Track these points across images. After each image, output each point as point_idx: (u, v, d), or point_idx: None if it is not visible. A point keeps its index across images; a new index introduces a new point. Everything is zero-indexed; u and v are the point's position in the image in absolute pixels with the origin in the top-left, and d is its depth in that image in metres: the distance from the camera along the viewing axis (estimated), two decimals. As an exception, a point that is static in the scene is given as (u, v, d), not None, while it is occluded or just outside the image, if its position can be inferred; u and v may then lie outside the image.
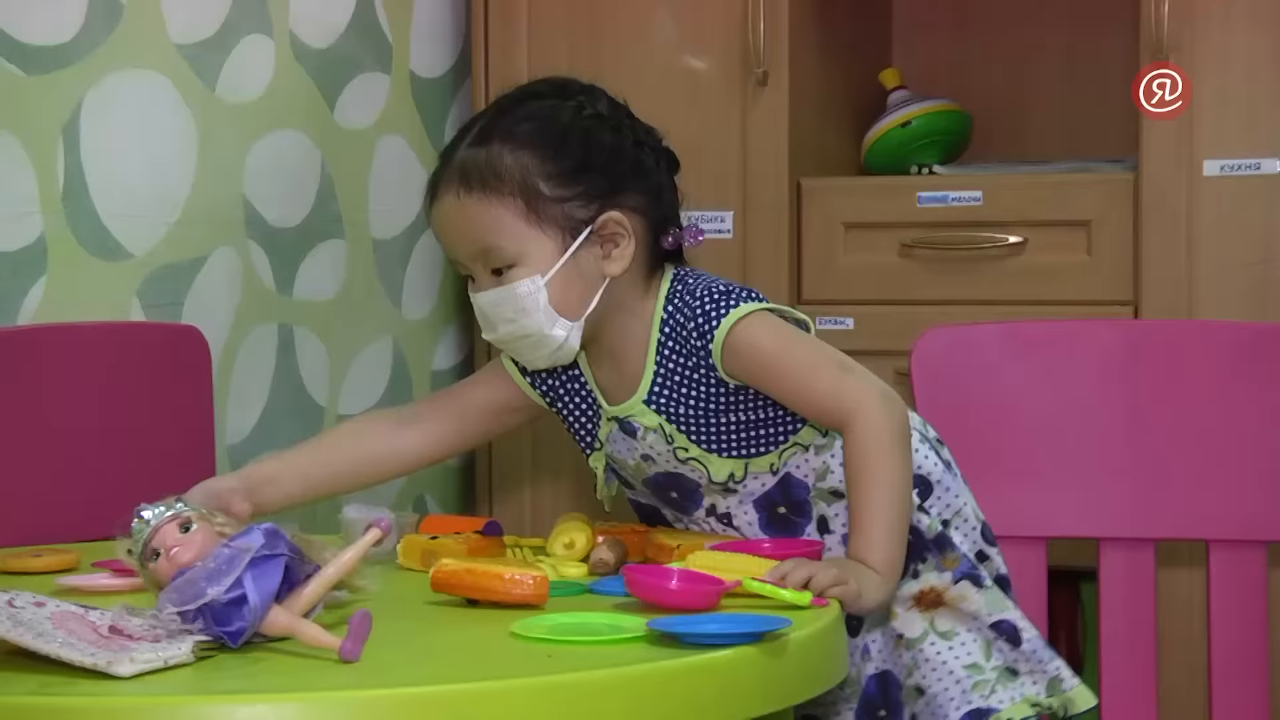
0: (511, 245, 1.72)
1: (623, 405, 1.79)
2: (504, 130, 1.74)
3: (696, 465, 1.78)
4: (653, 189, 1.79)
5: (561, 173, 1.72)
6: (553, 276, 1.72)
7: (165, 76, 2.35)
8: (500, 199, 1.71)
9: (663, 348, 1.77)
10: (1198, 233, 2.49)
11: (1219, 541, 2.00)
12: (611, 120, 1.78)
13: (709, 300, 1.74)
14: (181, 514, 1.37)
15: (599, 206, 1.73)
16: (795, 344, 1.75)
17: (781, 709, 1.44)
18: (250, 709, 1.17)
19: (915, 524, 1.78)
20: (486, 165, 1.72)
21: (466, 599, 1.53)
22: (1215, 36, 2.49)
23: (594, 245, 1.74)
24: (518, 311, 1.72)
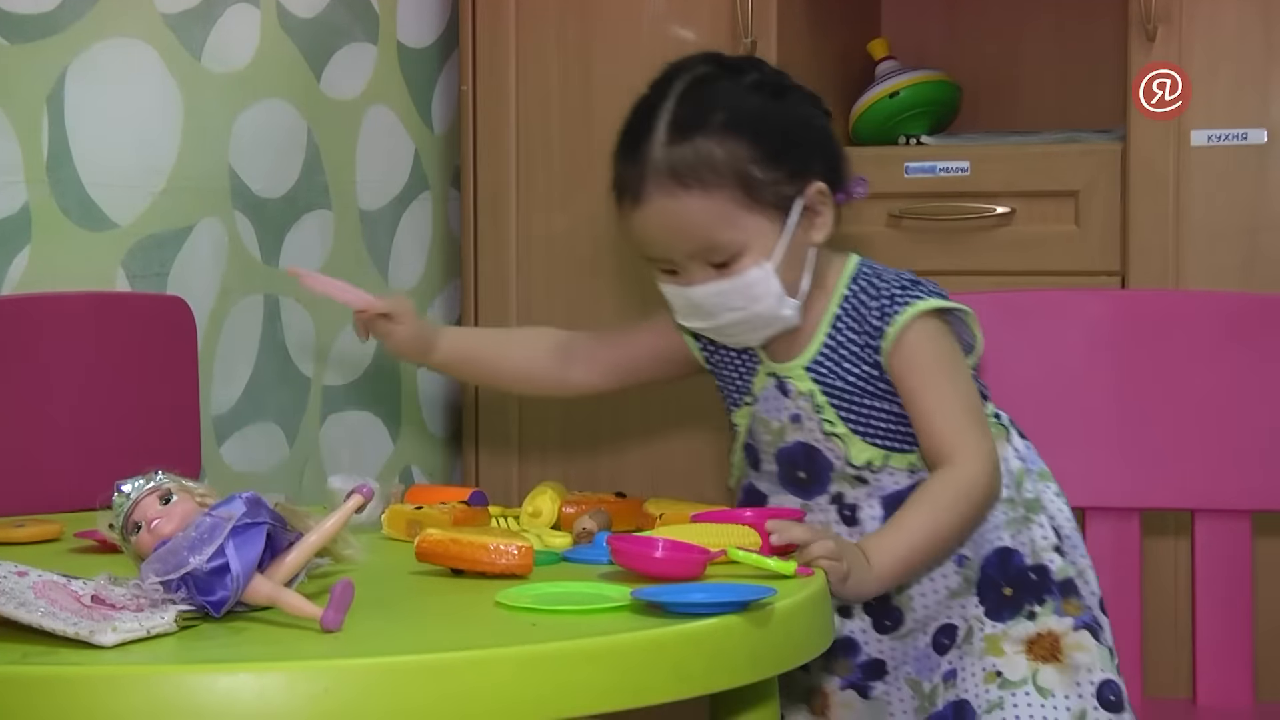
0: (736, 237, 1.71)
1: (783, 364, 1.80)
2: (699, 120, 1.72)
3: (838, 443, 1.77)
4: (832, 151, 1.79)
5: (769, 153, 1.72)
6: (779, 259, 1.72)
7: (150, 46, 2.34)
8: (719, 191, 1.70)
9: (838, 321, 1.78)
10: (1185, 203, 2.49)
11: (1204, 511, 2.00)
12: (784, 89, 1.78)
13: (898, 285, 1.76)
14: (161, 486, 1.36)
15: (803, 179, 1.74)
16: (950, 371, 1.76)
17: (767, 678, 1.44)
18: (232, 678, 1.17)
19: (1046, 564, 1.78)
20: (698, 160, 1.70)
21: (451, 569, 1.53)
22: (1204, 7, 2.49)
23: (801, 218, 1.74)
24: (748, 300, 1.73)
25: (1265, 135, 2.46)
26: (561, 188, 2.81)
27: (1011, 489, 1.80)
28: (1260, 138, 2.47)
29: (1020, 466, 1.81)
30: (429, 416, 2.92)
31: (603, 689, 1.27)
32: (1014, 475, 1.80)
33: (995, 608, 1.78)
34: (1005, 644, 1.77)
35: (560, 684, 1.25)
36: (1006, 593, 1.78)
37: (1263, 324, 2.01)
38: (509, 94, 2.83)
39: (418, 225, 2.89)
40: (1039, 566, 1.78)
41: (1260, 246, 2.47)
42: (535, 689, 1.24)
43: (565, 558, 1.62)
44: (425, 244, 2.91)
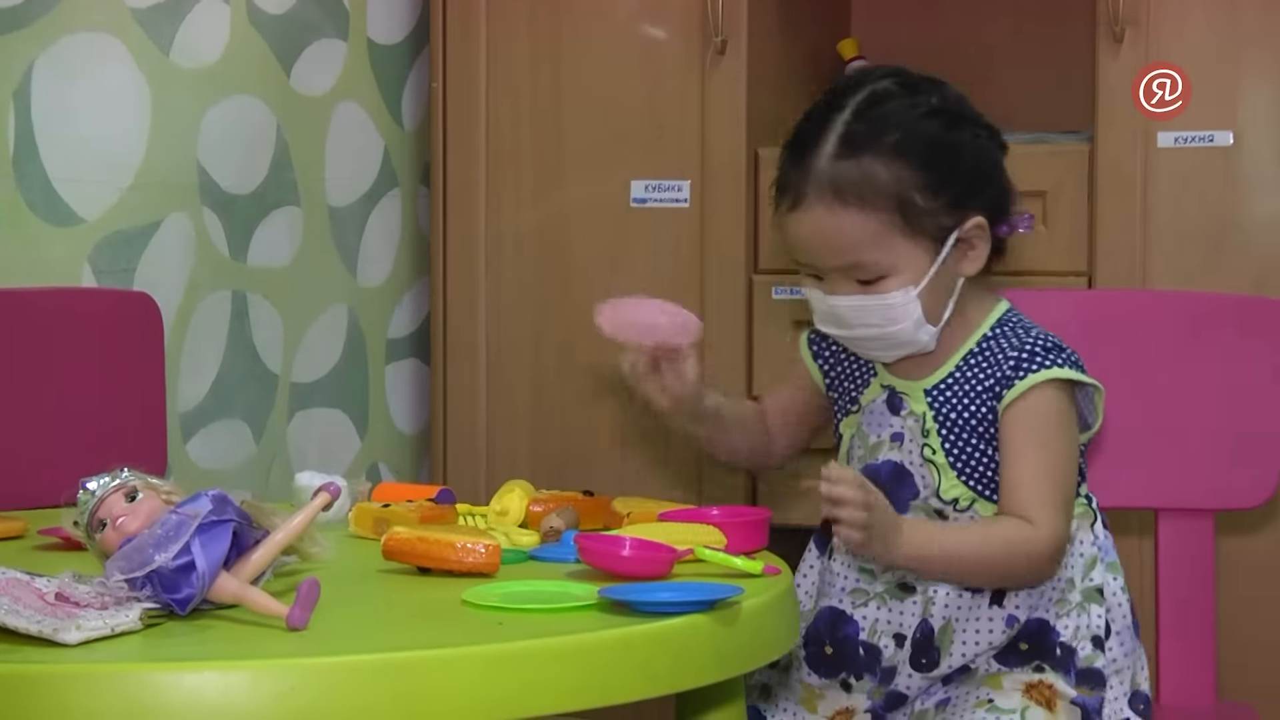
0: (885, 258, 1.72)
1: (903, 380, 1.80)
2: (870, 139, 1.73)
3: (932, 472, 1.77)
4: (1000, 185, 1.80)
5: (931, 183, 1.73)
6: (924, 286, 1.73)
7: (119, 40, 2.33)
8: (877, 214, 1.72)
9: (972, 357, 1.78)
10: (1152, 204, 2.50)
11: (1168, 511, 2.01)
12: (961, 117, 1.79)
13: (1041, 346, 1.76)
14: (127, 483, 1.36)
15: (964, 212, 1.75)
16: (1055, 442, 1.75)
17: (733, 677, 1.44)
18: (197, 676, 1.17)
19: (1075, 648, 1.77)
20: (861, 179, 1.72)
21: (418, 567, 1.53)
22: (1171, 10, 2.50)
23: (954, 249, 1.76)
24: (886, 320, 1.74)
25: (1231, 137, 2.47)
26: (531, 185, 2.81)
27: (1077, 573, 1.79)
28: (1226, 140, 2.48)
29: (1094, 554, 1.81)
30: (397, 414, 2.92)
31: (569, 688, 1.27)
32: (1085, 560, 1.80)
33: (1006, 654, 1.78)
34: (1005, 680, 1.77)
35: (527, 683, 1.25)
36: (1023, 647, 1.78)
37: (1227, 324, 2.02)
38: (479, 91, 2.83)
39: (387, 222, 2.89)
40: (1069, 648, 1.77)
41: (1226, 247, 2.48)
42: (502, 688, 1.24)
43: (532, 556, 1.62)
44: (394, 241, 2.91)
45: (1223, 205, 2.48)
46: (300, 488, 1.82)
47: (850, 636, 1.81)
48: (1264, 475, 1.99)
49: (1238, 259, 2.47)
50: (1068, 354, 1.76)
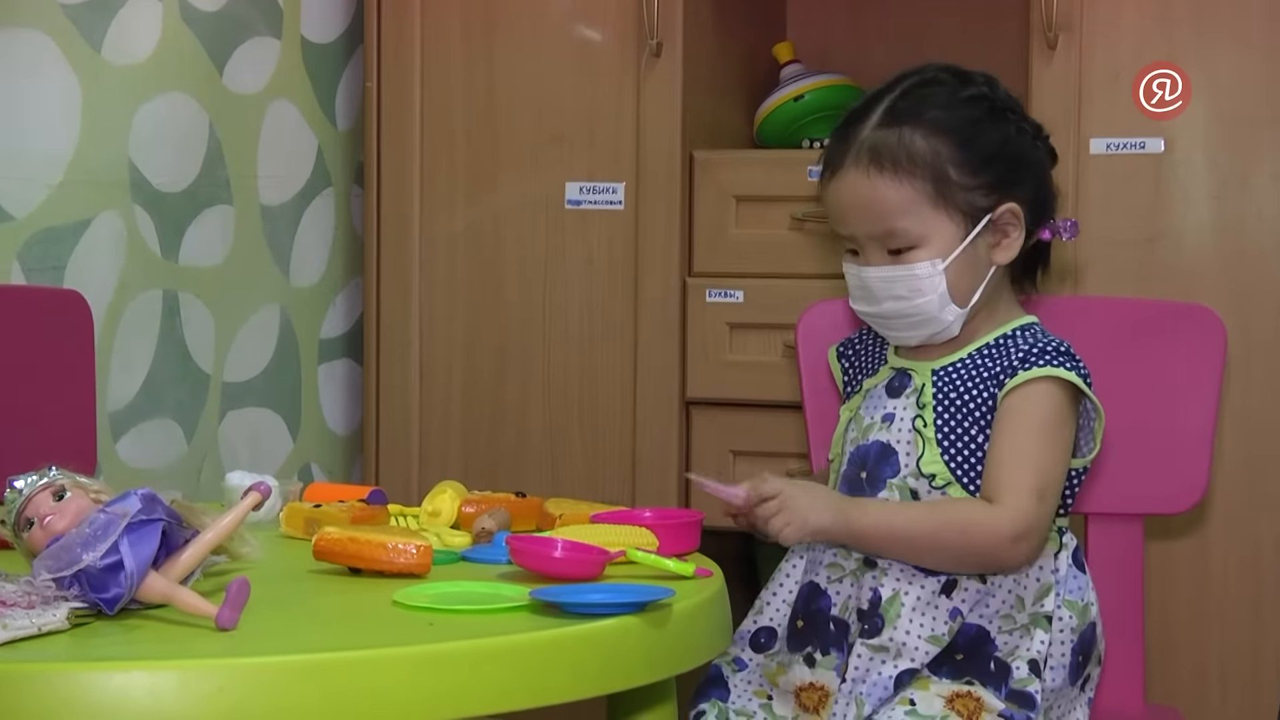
0: (916, 228, 1.75)
1: (912, 361, 1.83)
2: (914, 113, 1.78)
3: (918, 442, 1.78)
4: (1040, 183, 1.83)
5: (970, 160, 1.76)
6: (952, 262, 1.76)
7: (49, 37, 2.31)
8: (911, 181, 1.75)
9: (987, 348, 1.80)
10: (1084, 210, 2.52)
11: (1098, 515, 2.02)
12: (1012, 112, 1.82)
13: (1054, 348, 1.77)
14: (55, 482, 1.35)
15: (999, 196, 1.78)
16: (1046, 437, 1.76)
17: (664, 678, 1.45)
18: (125, 676, 1.16)
19: (1011, 668, 1.75)
20: (899, 146, 1.76)
21: (349, 567, 1.52)
22: (1104, 15, 2.52)
23: (989, 234, 1.78)
24: (912, 291, 1.76)
25: (1163, 144, 2.49)
26: (465, 186, 2.80)
27: (1028, 595, 1.78)
28: (1157, 147, 2.50)
29: (1050, 582, 1.79)
30: (329, 414, 2.91)
31: (500, 689, 1.27)
32: (1040, 586, 1.79)
33: (939, 663, 1.77)
34: (932, 685, 1.76)
35: (457, 684, 1.25)
36: (958, 658, 1.77)
37: (1157, 330, 2.03)
38: (413, 91, 2.82)
39: (320, 222, 2.87)
40: (1004, 665, 1.76)
41: (1157, 254, 2.50)
42: (432, 688, 1.24)
43: (464, 557, 1.62)
44: (328, 241, 2.90)
45: (1154, 212, 2.50)
46: (231, 487, 1.81)
47: (822, 610, 1.81)
48: (1192, 480, 2.00)
49: (1168, 265, 2.49)
50: (1078, 363, 1.78)
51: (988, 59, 2.96)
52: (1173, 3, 2.49)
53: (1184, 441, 2.00)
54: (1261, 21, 2.46)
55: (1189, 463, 2.00)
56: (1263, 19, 2.46)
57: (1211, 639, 2.50)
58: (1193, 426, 2.00)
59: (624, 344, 2.72)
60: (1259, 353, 2.46)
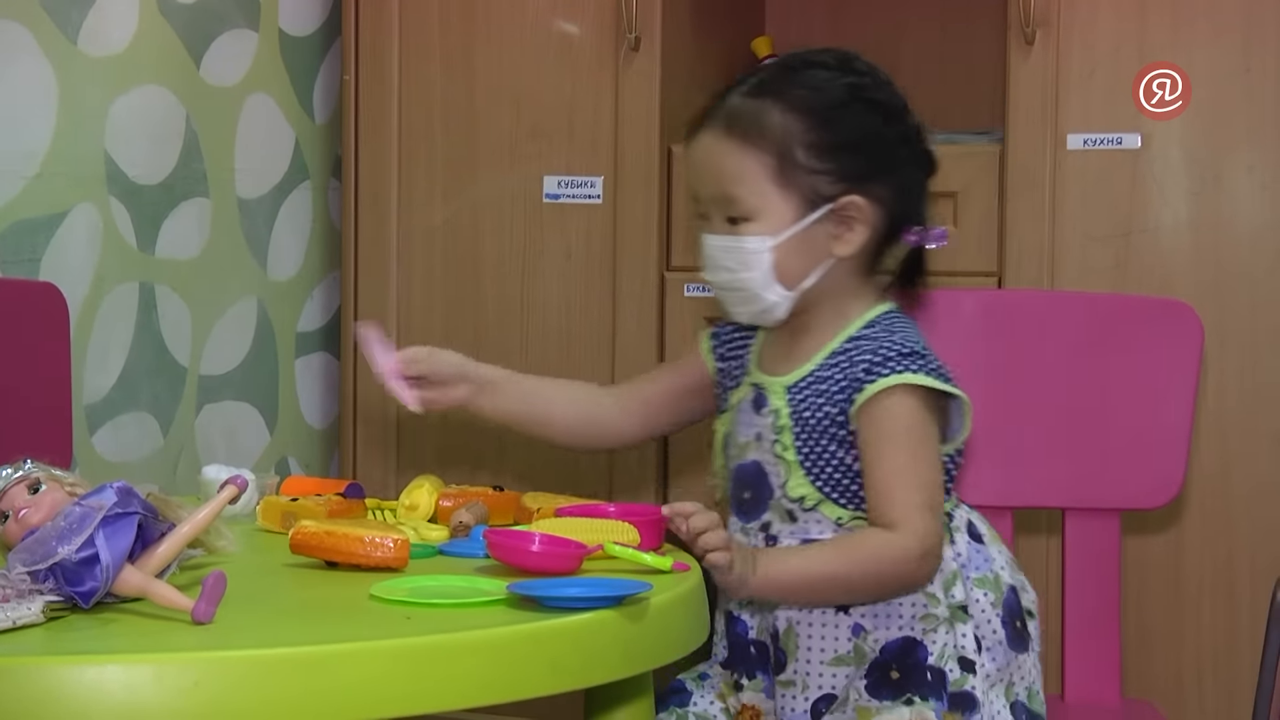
0: (752, 199, 1.74)
1: (768, 377, 1.80)
2: (780, 89, 1.77)
3: (782, 468, 1.77)
4: (903, 185, 1.80)
5: (821, 145, 1.74)
6: (782, 242, 1.74)
7: (24, 27, 2.30)
8: (756, 153, 1.74)
9: (835, 356, 1.77)
10: (1061, 205, 2.52)
11: (1075, 510, 2.03)
12: (886, 108, 1.80)
13: (897, 351, 1.74)
14: (30, 475, 1.34)
15: (846, 187, 1.75)
16: (914, 447, 1.73)
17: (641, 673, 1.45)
18: (100, 670, 1.16)
19: (945, 671, 1.75)
20: (753, 117, 1.75)
21: (326, 561, 1.52)
22: (1081, 12, 2.52)
23: (829, 223, 1.76)
24: (739, 264, 1.75)
25: (1139, 140, 2.50)
26: (443, 179, 2.80)
27: (937, 588, 1.77)
28: (1134, 143, 2.50)
29: (954, 569, 1.79)
30: (307, 408, 2.90)
31: (478, 683, 1.27)
32: (945, 577, 1.78)
33: (876, 685, 1.75)
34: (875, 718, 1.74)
35: (435, 677, 1.25)
36: (894, 675, 1.76)
37: (1133, 325, 2.04)
38: (391, 84, 2.81)
39: (297, 215, 2.87)
40: (938, 670, 1.75)
41: (1133, 249, 2.51)
42: (409, 682, 1.23)
43: (441, 551, 1.62)
44: (305, 234, 2.89)
45: (1130, 207, 2.51)
46: (207, 481, 1.80)
47: (740, 635, 1.81)
48: (1169, 475, 2.01)
49: (1143, 260, 2.50)
50: (926, 360, 1.75)
51: (966, 53, 2.99)
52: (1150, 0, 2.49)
53: (1160, 437, 2.01)
54: (1238, 18, 2.47)
55: (1165, 458, 2.00)
56: (1240, 15, 2.47)
57: (1188, 633, 2.51)
58: (1169, 422, 2.00)
59: (602, 337, 2.72)
60: (1234, 348, 2.46)
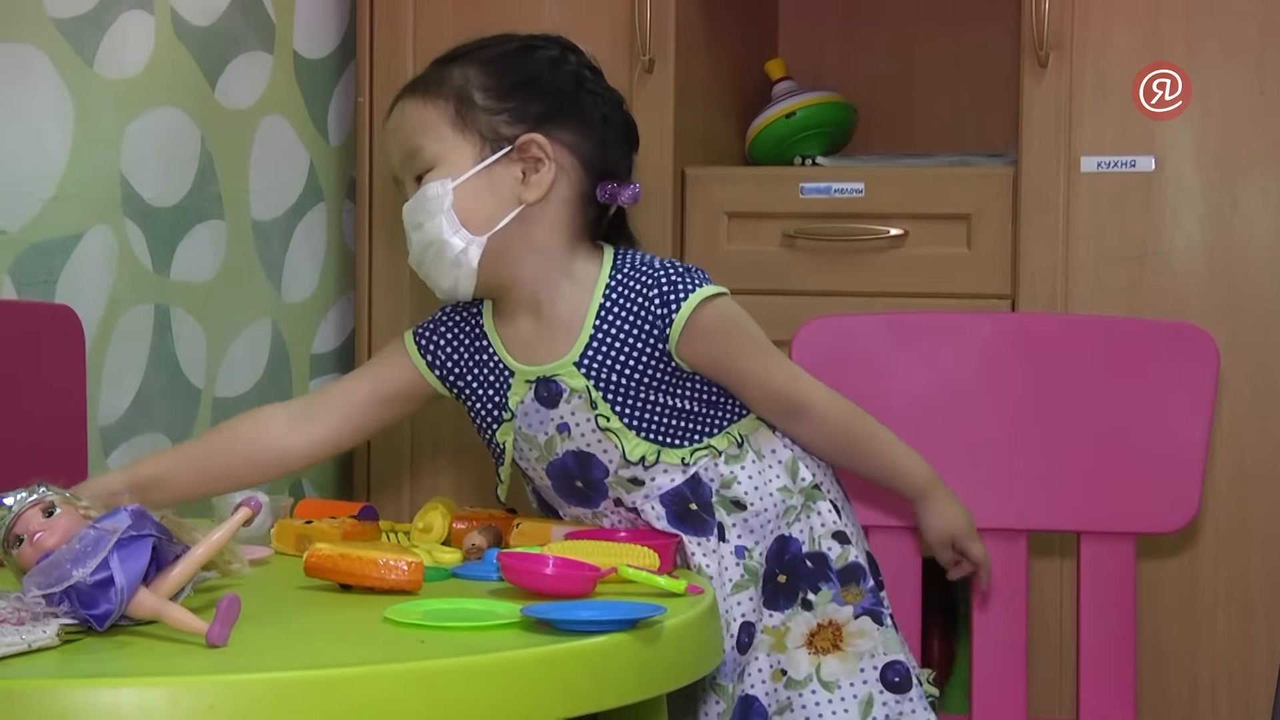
0: (433, 146, 1.76)
1: (547, 365, 1.77)
2: (465, 52, 1.81)
3: (613, 439, 1.75)
4: (594, 136, 1.79)
5: (498, 87, 1.77)
6: (462, 183, 1.74)
7: (41, 50, 2.31)
8: (434, 103, 1.77)
9: (606, 313, 1.76)
10: (1074, 228, 2.52)
11: (1090, 533, 2.02)
12: (569, 67, 1.81)
13: (675, 272, 1.75)
14: (44, 499, 1.34)
15: (526, 128, 1.76)
16: (757, 331, 1.79)
17: (654, 696, 1.44)
18: (115, 693, 1.16)
19: (825, 551, 1.79)
20: (434, 75, 1.79)
21: (340, 584, 1.52)
22: (1095, 34, 2.52)
23: (513, 165, 1.76)
24: (424, 215, 1.75)
25: (1153, 163, 2.50)
26: (457, 202, 2.80)
27: (786, 478, 1.80)
28: (1148, 165, 2.50)
29: (790, 455, 1.81)
30: (320, 429, 2.90)
31: (491, 706, 1.27)
32: (786, 463, 1.81)
33: (772, 596, 1.77)
34: (787, 639, 1.77)
35: (448, 701, 1.25)
36: (781, 580, 1.78)
37: (1147, 349, 2.03)
38: (406, 107, 2.82)
39: (312, 237, 2.87)
40: (816, 554, 1.79)
41: (1146, 272, 2.50)
42: (423, 706, 1.23)
43: (455, 574, 1.62)
44: (319, 256, 2.90)
45: (1143, 230, 2.51)
46: (221, 503, 1.80)
47: None
48: (1184, 499, 2.00)
49: (1157, 283, 2.50)
50: (699, 273, 1.77)
51: (980, 76, 2.99)
52: (1164, 22, 2.49)
53: (1176, 461, 2.00)
54: (1252, 40, 2.47)
55: (1181, 482, 2.00)
56: (1254, 37, 2.47)
57: (1202, 656, 2.50)
58: (1184, 446, 2.00)
59: (615, 360, 2.72)
60: (1249, 371, 2.46)
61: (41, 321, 2.20)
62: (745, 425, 1.81)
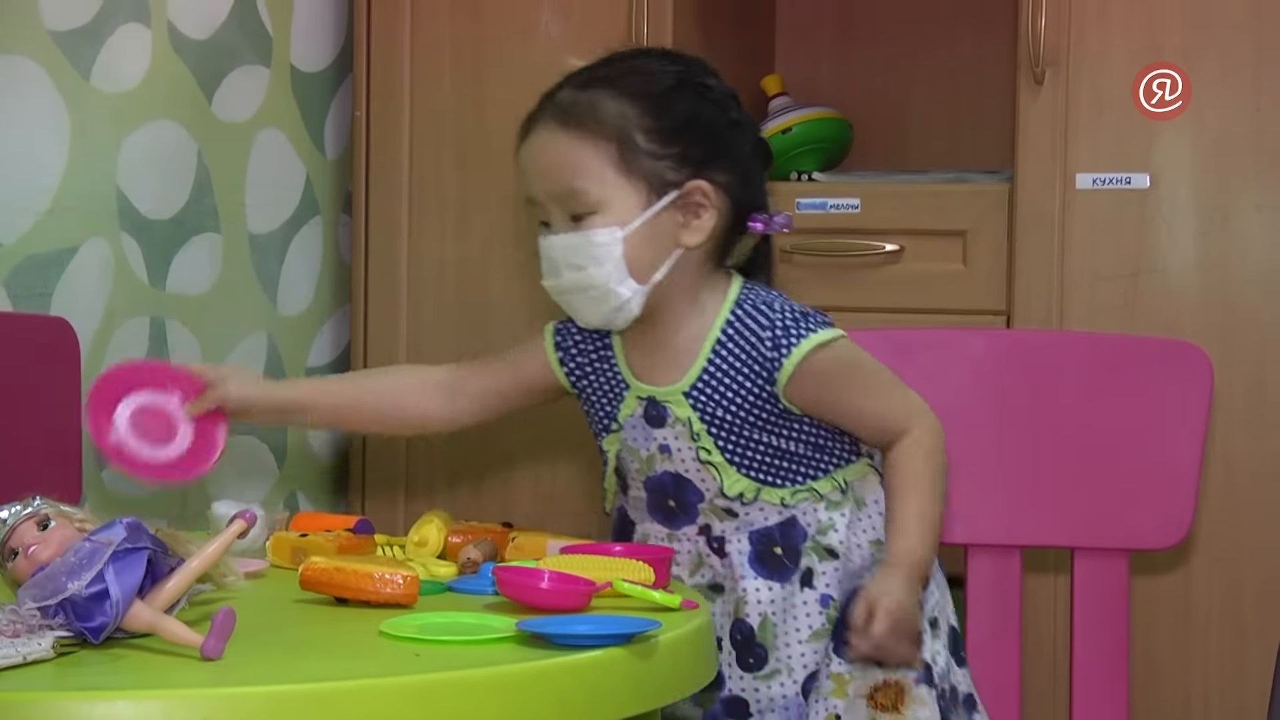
0: (596, 190, 1.71)
1: (659, 388, 1.78)
2: (609, 78, 1.75)
3: (712, 473, 1.76)
4: (742, 172, 1.78)
5: (661, 130, 1.72)
6: (632, 232, 1.71)
7: (38, 64, 2.31)
8: (595, 142, 1.71)
9: (721, 347, 1.76)
10: (1070, 244, 2.53)
11: (1083, 549, 2.02)
12: (716, 94, 1.78)
13: (790, 316, 1.74)
14: (39, 511, 1.34)
15: (690, 173, 1.73)
16: (864, 371, 1.77)
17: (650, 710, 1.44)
18: (110, 706, 1.16)
19: None
20: (587, 106, 1.73)
21: (335, 597, 1.52)
22: (1091, 52, 2.53)
23: (676, 211, 1.73)
24: (589, 260, 1.71)
25: (1148, 180, 2.50)
26: (454, 215, 2.81)
27: (882, 531, 1.79)
28: (1143, 182, 2.51)
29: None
30: (316, 443, 2.90)
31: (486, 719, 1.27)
32: (884, 516, 1.79)
33: (841, 645, 1.76)
34: (849, 687, 1.75)
35: (443, 714, 1.24)
36: None
37: (1141, 365, 2.04)
38: (402, 120, 2.82)
39: (308, 250, 2.87)
40: None
41: (1141, 289, 2.51)
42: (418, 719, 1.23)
43: (450, 587, 1.62)
44: (315, 269, 2.90)
45: (1138, 247, 2.51)
46: (216, 516, 1.80)
47: None
48: (1178, 516, 2.00)
49: (1152, 301, 2.50)
50: (818, 317, 1.76)
51: (975, 93, 2.99)
52: (1159, 39, 2.50)
53: (1169, 478, 2.00)
54: (1248, 57, 2.47)
55: (1174, 499, 2.00)
56: (1250, 57, 2.47)
57: (1195, 672, 2.50)
58: (1178, 463, 2.00)
59: (611, 374, 2.72)
60: (1243, 388, 2.46)
61: (37, 334, 2.20)
62: (852, 471, 1.81)
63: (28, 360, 2.16)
